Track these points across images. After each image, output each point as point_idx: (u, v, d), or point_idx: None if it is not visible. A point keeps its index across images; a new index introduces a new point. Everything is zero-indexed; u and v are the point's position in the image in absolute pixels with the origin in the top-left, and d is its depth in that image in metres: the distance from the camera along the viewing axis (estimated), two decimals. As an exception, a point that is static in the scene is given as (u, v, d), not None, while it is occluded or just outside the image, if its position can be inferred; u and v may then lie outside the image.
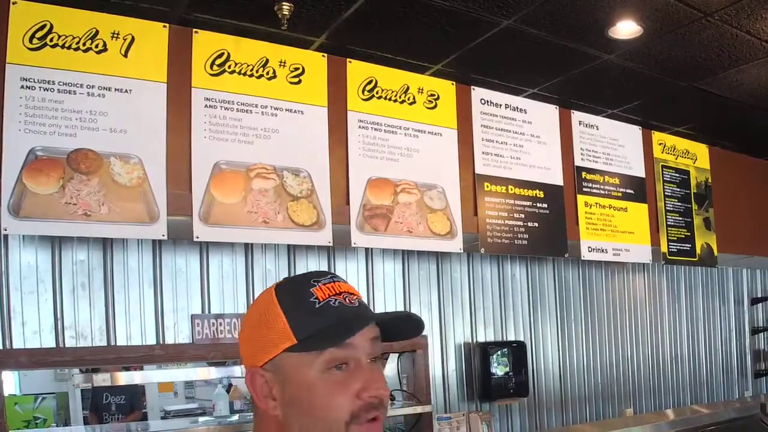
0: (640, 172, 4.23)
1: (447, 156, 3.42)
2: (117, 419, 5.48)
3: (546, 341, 4.24)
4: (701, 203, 4.56)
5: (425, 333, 3.63)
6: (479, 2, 2.73)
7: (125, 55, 2.60)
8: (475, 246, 3.48)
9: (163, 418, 6.18)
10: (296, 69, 2.99)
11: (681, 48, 3.24)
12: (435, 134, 3.38)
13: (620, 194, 4.10)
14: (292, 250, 3.34)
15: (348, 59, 3.15)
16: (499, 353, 3.88)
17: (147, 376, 4.85)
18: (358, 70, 3.18)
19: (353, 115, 3.14)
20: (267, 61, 2.92)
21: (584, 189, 3.94)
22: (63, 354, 2.71)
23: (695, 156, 4.60)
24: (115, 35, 2.58)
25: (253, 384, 1.02)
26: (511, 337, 4.07)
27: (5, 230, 2.35)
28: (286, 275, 2.98)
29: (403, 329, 1.06)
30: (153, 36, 2.67)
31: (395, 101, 3.27)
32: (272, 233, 2.86)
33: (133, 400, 5.72)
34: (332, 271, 1.10)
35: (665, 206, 4.33)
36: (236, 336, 3.08)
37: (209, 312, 3.08)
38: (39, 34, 2.45)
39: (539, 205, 3.70)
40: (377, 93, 3.22)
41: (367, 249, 3.52)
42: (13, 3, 2.41)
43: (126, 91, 2.60)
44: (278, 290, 1.04)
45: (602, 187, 4.02)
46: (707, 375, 5.23)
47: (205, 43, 2.79)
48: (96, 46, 2.55)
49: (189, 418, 5.28)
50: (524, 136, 3.70)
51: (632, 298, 4.77)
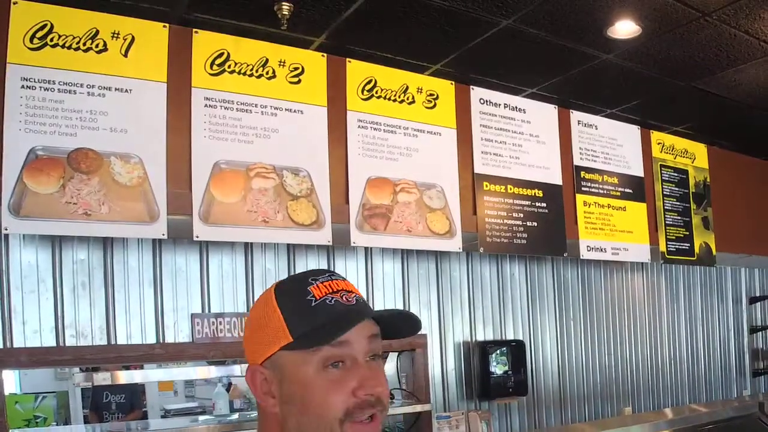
0: (639, 172, 4.24)
1: (446, 155, 3.42)
2: (117, 418, 5.49)
3: (545, 340, 4.25)
4: (700, 202, 4.57)
5: (424, 332, 3.65)
6: (478, 2, 2.73)
7: (125, 55, 2.61)
8: (474, 245, 3.48)
9: (163, 417, 6.21)
10: (296, 69, 2.99)
11: (679, 48, 3.25)
12: (434, 134, 3.39)
13: (619, 194, 4.11)
14: (292, 250, 3.35)
15: (347, 59, 3.16)
16: (498, 352, 3.88)
17: (147, 375, 4.85)
18: (358, 70, 3.19)
19: (353, 115, 3.15)
20: (267, 61, 2.93)
21: (583, 188, 3.94)
22: (63, 353, 2.72)
23: (694, 155, 4.61)
24: (116, 35, 2.59)
25: (253, 381, 1.03)
26: (510, 336, 4.08)
27: (6, 229, 2.36)
28: (286, 274, 2.98)
29: (401, 327, 1.07)
30: (153, 36, 2.67)
31: (394, 101, 3.28)
32: (272, 232, 2.87)
33: (133, 399, 5.73)
34: (333, 270, 1.10)
35: (664, 205, 4.34)
36: (236, 335, 3.09)
37: (209, 311, 3.09)
38: (39, 34, 2.46)
39: (538, 205, 3.71)
40: (377, 93, 3.23)
41: (367, 248, 3.53)
42: (14, 3, 2.42)
43: (126, 91, 2.61)
44: (277, 288, 1.05)
45: (601, 187, 4.03)
46: (706, 374, 5.24)
47: (205, 43, 2.80)
48: (96, 46, 2.56)
49: (189, 417, 5.28)
50: (523, 136, 3.71)
51: (631, 298, 4.77)
